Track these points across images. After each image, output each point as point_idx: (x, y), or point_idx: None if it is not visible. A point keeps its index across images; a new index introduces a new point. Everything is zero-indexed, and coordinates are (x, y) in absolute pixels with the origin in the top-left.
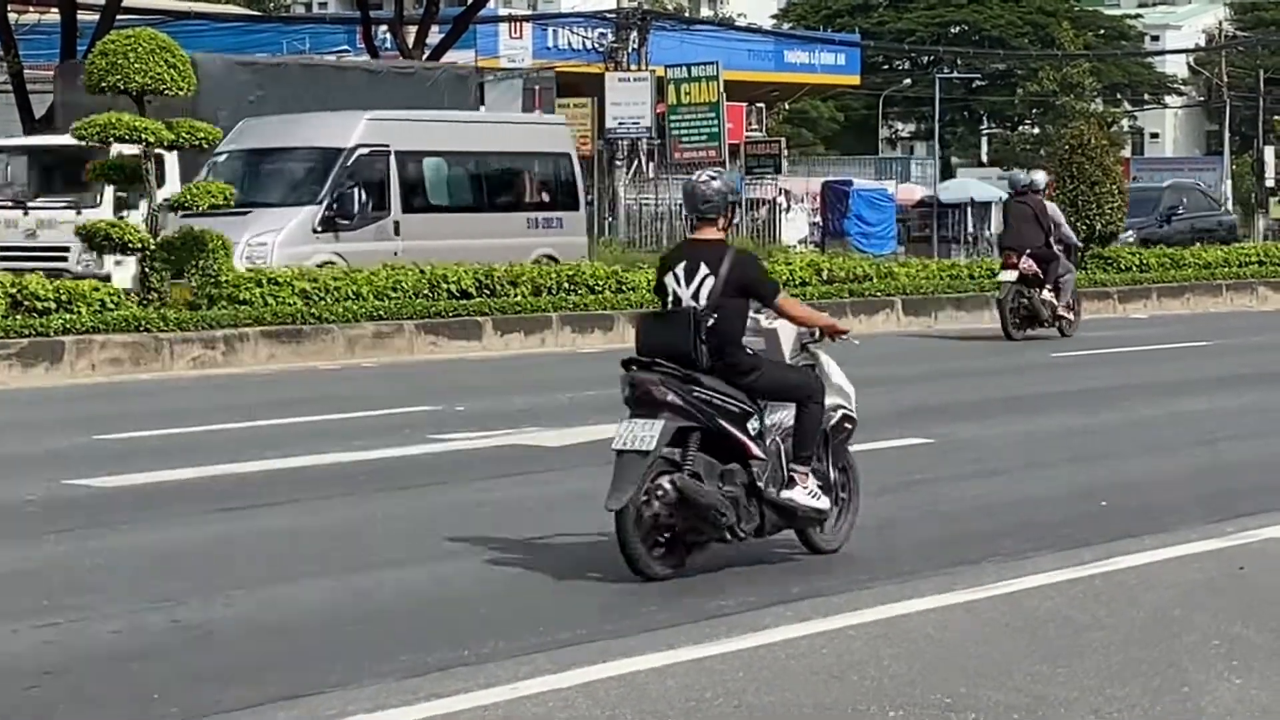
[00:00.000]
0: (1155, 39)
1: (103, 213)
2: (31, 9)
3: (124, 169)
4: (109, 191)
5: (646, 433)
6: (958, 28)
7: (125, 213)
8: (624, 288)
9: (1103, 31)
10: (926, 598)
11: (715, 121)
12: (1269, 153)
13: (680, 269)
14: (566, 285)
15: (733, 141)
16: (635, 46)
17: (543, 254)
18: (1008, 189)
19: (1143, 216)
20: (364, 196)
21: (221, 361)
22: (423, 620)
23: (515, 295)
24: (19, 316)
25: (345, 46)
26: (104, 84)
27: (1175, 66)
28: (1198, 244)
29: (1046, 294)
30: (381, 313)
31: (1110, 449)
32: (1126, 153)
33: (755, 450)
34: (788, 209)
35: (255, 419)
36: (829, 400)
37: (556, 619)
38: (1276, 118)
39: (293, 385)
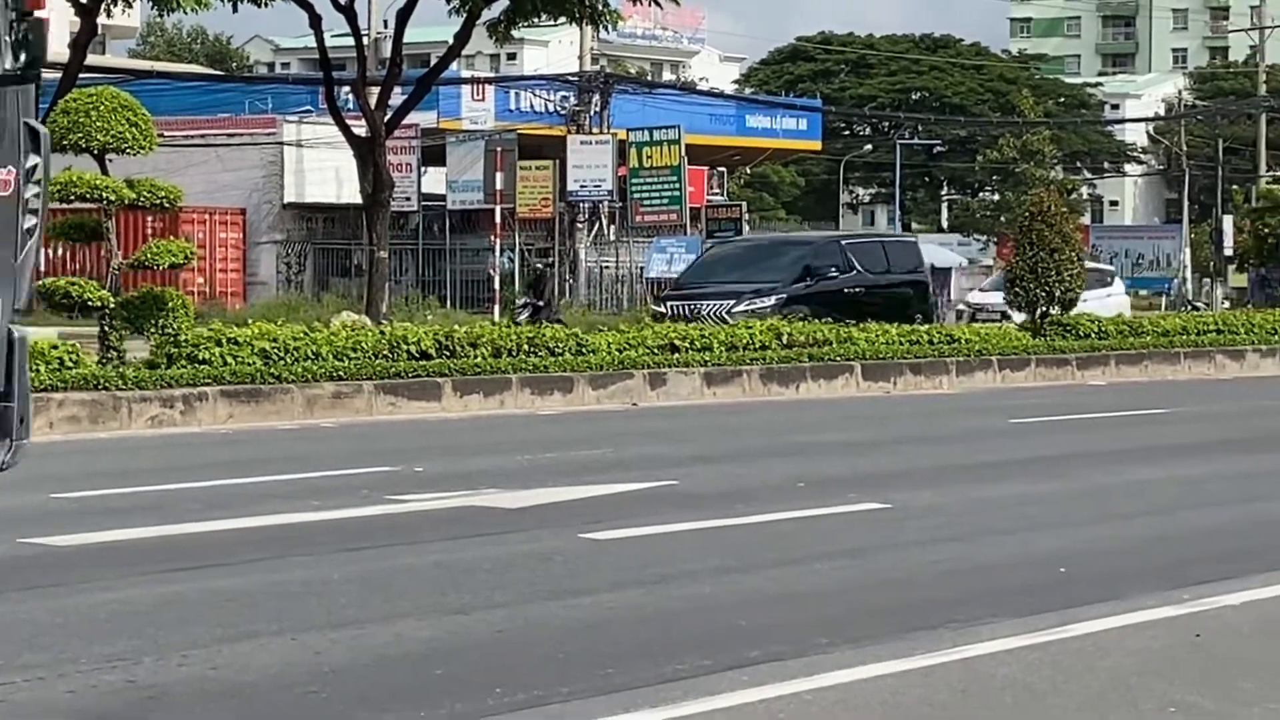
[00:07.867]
0: (1115, 107)
1: None
2: None
3: (84, 227)
4: None
5: None
6: (919, 94)
7: None
8: (584, 350)
9: (1063, 100)
10: (883, 663)
11: (677, 185)
12: (1227, 222)
13: None
14: (526, 347)
15: (694, 205)
16: (597, 110)
17: None
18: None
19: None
20: None
21: (180, 420)
22: (377, 681)
23: (475, 356)
24: None
25: (308, 107)
26: (65, 142)
27: (1135, 135)
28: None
29: None
30: (341, 373)
31: (1067, 516)
32: (1086, 220)
33: None
34: None
35: (213, 479)
36: None
37: (513, 681)
38: (1235, 187)
39: (251, 445)
